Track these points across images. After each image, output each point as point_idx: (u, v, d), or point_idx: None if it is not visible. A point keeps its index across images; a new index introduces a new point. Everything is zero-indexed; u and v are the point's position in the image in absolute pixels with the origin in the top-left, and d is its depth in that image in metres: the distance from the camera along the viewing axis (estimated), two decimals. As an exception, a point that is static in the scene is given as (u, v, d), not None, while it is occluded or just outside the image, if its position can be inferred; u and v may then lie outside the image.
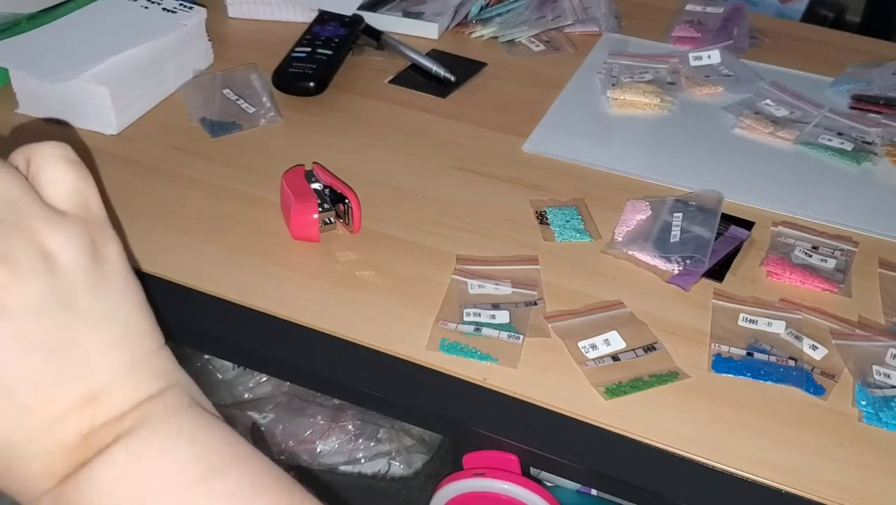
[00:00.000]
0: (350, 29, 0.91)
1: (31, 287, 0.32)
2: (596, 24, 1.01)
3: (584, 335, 0.61)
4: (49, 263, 0.32)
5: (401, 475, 0.87)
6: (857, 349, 0.61)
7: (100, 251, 0.34)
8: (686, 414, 0.56)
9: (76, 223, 0.34)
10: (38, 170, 0.35)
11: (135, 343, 0.35)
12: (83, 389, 0.33)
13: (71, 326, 0.33)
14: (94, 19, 0.85)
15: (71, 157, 0.36)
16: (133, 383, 0.34)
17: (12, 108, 0.81)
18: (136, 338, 0.35)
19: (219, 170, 0.76)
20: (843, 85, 0.91)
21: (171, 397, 0.35)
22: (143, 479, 0.33)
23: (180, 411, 0.35)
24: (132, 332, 0.35)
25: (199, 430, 0.35)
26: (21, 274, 0.31)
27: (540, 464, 0.60)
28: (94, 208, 0.36)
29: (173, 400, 0.35)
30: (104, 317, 0.34)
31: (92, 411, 0.33)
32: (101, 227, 0.35)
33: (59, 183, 0.35)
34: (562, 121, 0.85)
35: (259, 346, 0.62)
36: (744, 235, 0.71)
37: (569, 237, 0.70)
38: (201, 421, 0.35)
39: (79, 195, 0.35)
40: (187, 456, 0.34)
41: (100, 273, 0.34)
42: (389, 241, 0.69)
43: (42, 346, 0.32)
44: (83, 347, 0.33)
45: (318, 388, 0.74)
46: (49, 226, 0.33)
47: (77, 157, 0.36)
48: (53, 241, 0.33)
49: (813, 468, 0.54)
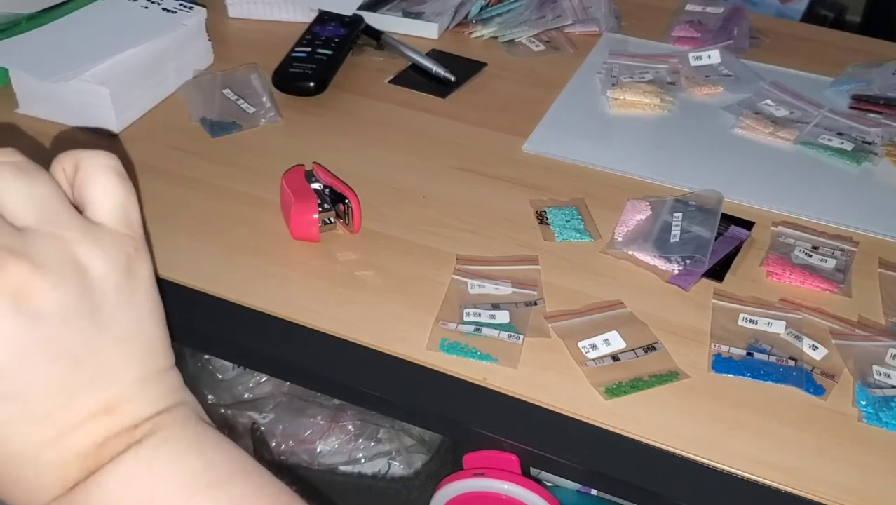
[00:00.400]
0: (350, 29, 0.91)
1: (63, 295, 0.32)
2: (596, 24, 1.01)
3: (584, 335, 0.61)
4: (81, 274, 0.33)
5: (401, 475, 0.87)
6: (857, 349, 0.61)
7: (133, 269, 0.35)
8: (686, 414, 0.56)
9: (113, 238, 0.35)
10: (86, 179, 0.36)
11: (152, 361, 0.36)
12: (102, 400, 0.34)
13: (97, 338, 0.33)
14: (95, 19, 0.85)
15: (120, 171, 0.37)
16: (148, 398, 0.35)
17: (12, 108, 0.81)
18: (154, 356, 0.36)
19: (219, 170, 0.76)
20: (843, 85, 0.91)
21: (181, 413, 0.36)
22: (151, 485, 0.34)
23: (188, 426, 0.36)
24: (151, 350, 0.36)
25: (206, 444, 0.36)
26: (53, 281, 0.32)
27: (540, 464, 0.60)
28: (135, 226, 0.36)
29: (182, 415, 0.36)
30: (129, 333, 0.35)
31: (108, 421, 0.34)
32: (138, 246, 0.36)
33: (107, 196, 0.36)
34: (562, 121, 0.85)
35: (259, 346, 0.62)
36: (744, 235, 0.71)
37: (569, 237, 0.70)
38: (208, 436, 0.37)
39: (123, 211, 0.36)
40: (194, 467, 0.35)
41: (130, 290, 0.35)
42: (389, 241, 0.69)
43: (68, 354, 0.32)
44: (106, 360, 0.34)
45: (318, 388, 0.74)
46: (84, 238, 0.33)
47: (125, 171, 0.37)
48: (88, 253, 0.33)
49: (813, 468, 0.54)
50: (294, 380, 0.76)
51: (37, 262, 0.32)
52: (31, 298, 0.31)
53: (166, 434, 0.35)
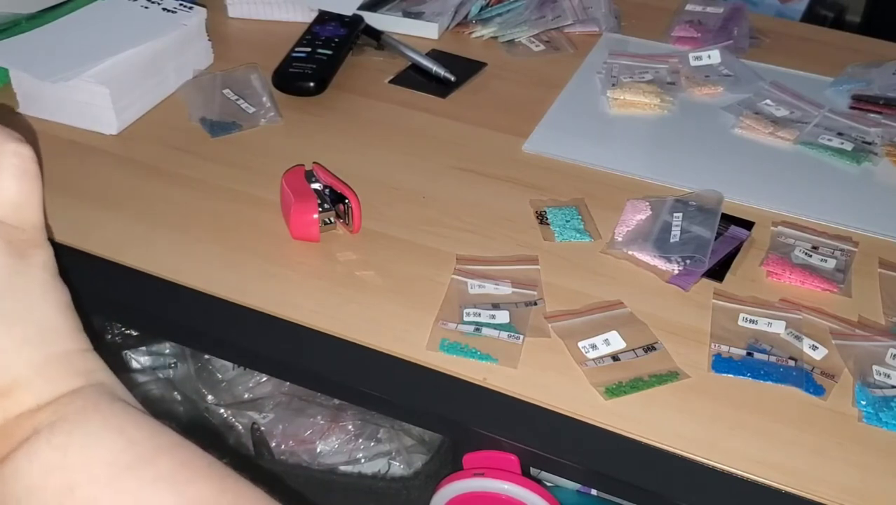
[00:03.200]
0: (350, 29, 0.91)
1: None
2: (596, 24, 1.01)
3: (584, 335, 0.61)
4: None
5: (401, 475, 0.87)
6: (857, 349, 0.61)
7: (23, 256, 0.36)
8: (686, 414, 0.56)
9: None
10: None
11: (52, 342, 0.36)
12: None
13: None
14: (95, 19, 0.85)
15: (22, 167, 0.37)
16: (48, 379, 0.35)
17: (13, 108, 0.81)
18: (53, 338, 0.36)
19: (219, 170, 0.76)
20: (843, 85, 0.91)
21: (92, 394, 0.36)
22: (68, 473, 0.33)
23: (101, 406, 0.35)
24: (49, 332, 0.36)
25: (125, 422, 0.35)
26: None
27: (540, 464, 0.60)
28: (30, 218, 0.38)
29: (94, 396, 0.36)
30: (17, 316, 0.36)
31: (4, 404, 0.34)
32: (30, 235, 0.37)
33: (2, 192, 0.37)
34: (562, 121, 0.85)
35: (259, 346, 0.62)
36: (744, 235, 0.71)
37: (569, 237, 0.70)
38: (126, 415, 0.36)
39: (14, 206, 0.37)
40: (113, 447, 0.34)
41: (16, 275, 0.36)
42: (389, 241, 0.69)
43: None
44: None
45: (318, 388, 0.74)
46: None
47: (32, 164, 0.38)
48: None
49: (813, 468, 0.54)
50: (294, 380, 0.76)
51: None
52: None
53: (78, 418, 0.34)
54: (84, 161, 0.76)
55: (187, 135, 0.80)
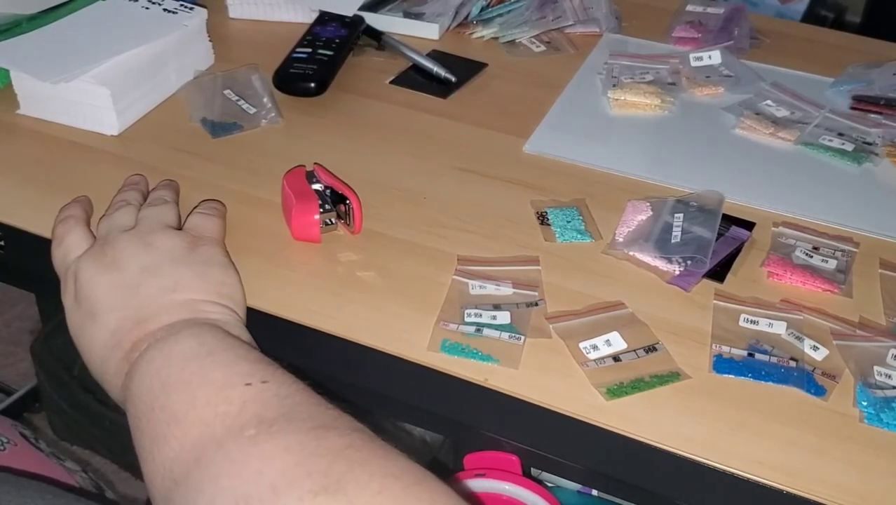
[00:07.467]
0: (351, 29, 0.91)
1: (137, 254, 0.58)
2: (596, 25, 1.01)
3: (585, 336, 0.61)
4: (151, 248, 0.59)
5: (401, 476, 0.87)
6: (858, 350, 0.61)
7: (194, 247, 0.60)
8: (687, 415, 0.56)
9: (181, 235, 0.61)
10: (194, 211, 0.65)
11: (180, 292, 0.56)
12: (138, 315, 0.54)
13: (142, 278, 0.56)
14: (95, 20, 0.85)
15: (207, 213, 0.65)
16: (169, 314, 0.54)
17: (13, 108, 0.81)
18: (181, 289, 0.56)
19: (219, 170, 0.76)
20: (844, 85, 0.91)
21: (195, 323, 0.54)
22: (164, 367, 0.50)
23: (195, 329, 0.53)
24: (182, 286, 0.56)
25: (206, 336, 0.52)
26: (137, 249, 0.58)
27: (541, 464, 0.60)
28: (207, 233, 0.63)
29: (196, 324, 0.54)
30: (173, 279, 0.56)
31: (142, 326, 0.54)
32: (205, 239, 0.61)
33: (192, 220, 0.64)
34: (562, 121, 0.85)
35: (260, 346, 0.62)
36: (744, 236, 0.71)
37: (570, 238, 0.70)
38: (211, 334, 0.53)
39: (197, 228, 0.63)
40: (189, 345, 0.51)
41: (184, 253, 0.59)
42: (390, 241, 0.69)
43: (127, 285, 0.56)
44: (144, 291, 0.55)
45: (318, 388, 0.74)
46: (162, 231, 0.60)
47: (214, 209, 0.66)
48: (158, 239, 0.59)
49: (814, 469, 0.54)
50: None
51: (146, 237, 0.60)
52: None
53: (185, 332, 0.52)
54: (85, 162, 0.76)
55: (188, 135, 0.80)
